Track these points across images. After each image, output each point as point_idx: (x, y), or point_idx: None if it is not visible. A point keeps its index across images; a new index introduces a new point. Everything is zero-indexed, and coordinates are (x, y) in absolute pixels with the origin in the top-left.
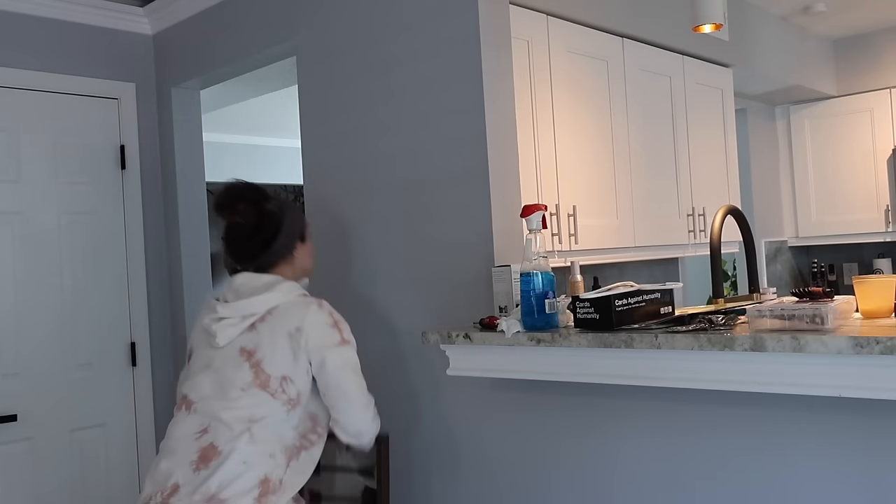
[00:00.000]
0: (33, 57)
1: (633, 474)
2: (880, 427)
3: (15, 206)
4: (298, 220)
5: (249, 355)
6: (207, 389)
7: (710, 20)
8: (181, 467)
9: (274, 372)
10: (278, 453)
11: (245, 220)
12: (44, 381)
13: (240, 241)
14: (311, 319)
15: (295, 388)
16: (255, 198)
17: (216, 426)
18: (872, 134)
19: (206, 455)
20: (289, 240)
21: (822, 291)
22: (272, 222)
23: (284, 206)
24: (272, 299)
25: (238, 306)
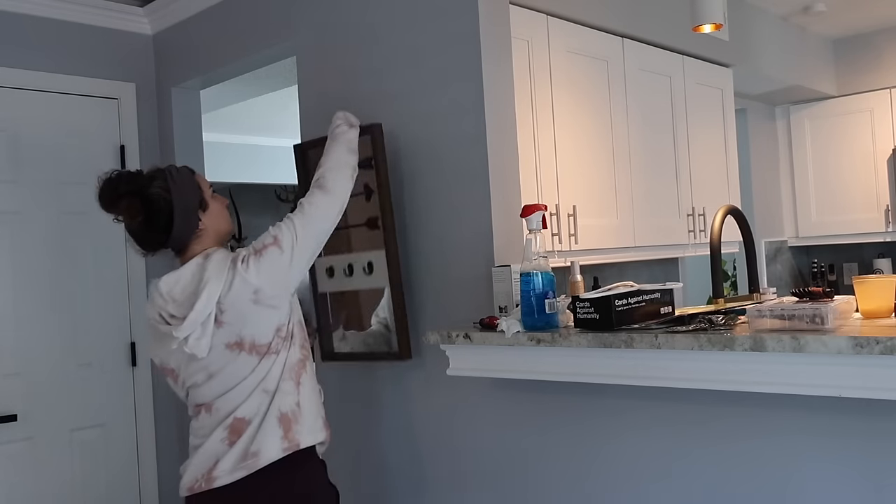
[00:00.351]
0: (33, 57)
1: (633, 474)
2: (880, 428)
3: (14, 206)
4: (190, 191)
5: (240, 345)
6: (220, 389)
7: (710, 20)
8: (214, 447)
9: (268, 337)
10: (284, 382)
11: (132, 216)
12: (44, 381)
13: (139, 236)
14: (253, 275)
15: (286, 327)
16: (133, 189)
17: (237, 406)
18: (872, 134)
19: (236, 428)
20: (188, 217)
21: (822, 291)
22: (161, 209)
23: (170, 185)
24: (213, 293)
25: (189, 322)
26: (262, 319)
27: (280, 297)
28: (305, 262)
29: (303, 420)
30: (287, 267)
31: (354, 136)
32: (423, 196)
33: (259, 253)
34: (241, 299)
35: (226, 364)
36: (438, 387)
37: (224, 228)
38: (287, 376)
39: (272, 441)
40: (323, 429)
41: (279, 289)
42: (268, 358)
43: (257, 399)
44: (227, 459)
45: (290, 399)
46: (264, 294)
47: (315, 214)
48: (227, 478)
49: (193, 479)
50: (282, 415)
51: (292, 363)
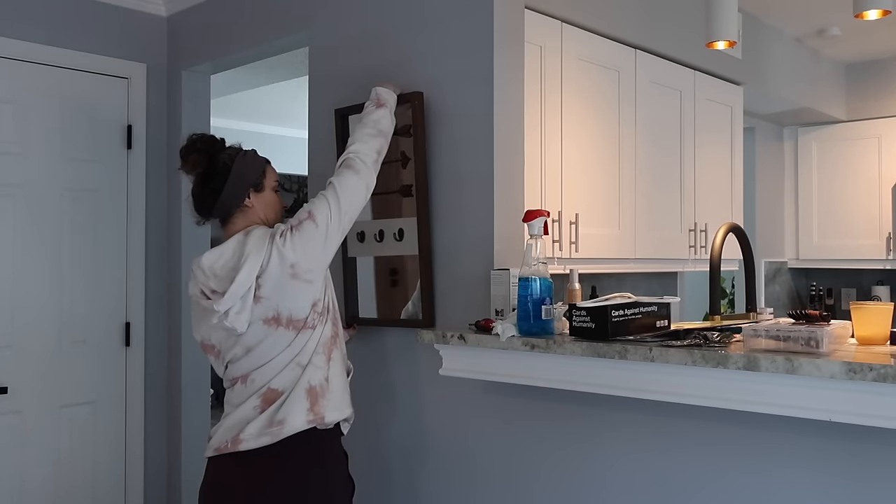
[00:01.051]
0: (45, 31)
1: (621, 486)
2: (869, 453)
3: (18, 179)
4: (252, 169)
5: (277, 320)
6: (257, 363)
7: (724, 37)
8: (246, 413)
9: (305, 312)
10: (316, 356)
11: (193, 167)
12: (36, 356)
13: (195, 191)
14: (290, 249)
15: (322, 302)
16: (206, 148)
17: (272, 378)
18: (879, 161)
19: (269, 398)
20: (238, 189)
21: (818, 315)
22: (220, 171)
23: (236, 156)
24: (253, 267)
25: (230, 295)
26: (299, 294)
27: (315, 272)
28: (338, 238)
29: (330, 395)
30: (322, 242)
31: (381, 116)
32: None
33: (295, 228)
34: (278, 273)
35: (264, 338)
36: (430, 386)
37: (271, 217)
38: (320, 350)
39: (298, 411)
40: (349, 406)
41: (314, 263)
42: (304, 333)
43: (291, 372)
44: (254, 424)
45: (319, 373)
46: (300, 268)
47: (345, 193)
48: (252, 442)
49: (221, 440)
50: (310, 388)
51: (326, 338)
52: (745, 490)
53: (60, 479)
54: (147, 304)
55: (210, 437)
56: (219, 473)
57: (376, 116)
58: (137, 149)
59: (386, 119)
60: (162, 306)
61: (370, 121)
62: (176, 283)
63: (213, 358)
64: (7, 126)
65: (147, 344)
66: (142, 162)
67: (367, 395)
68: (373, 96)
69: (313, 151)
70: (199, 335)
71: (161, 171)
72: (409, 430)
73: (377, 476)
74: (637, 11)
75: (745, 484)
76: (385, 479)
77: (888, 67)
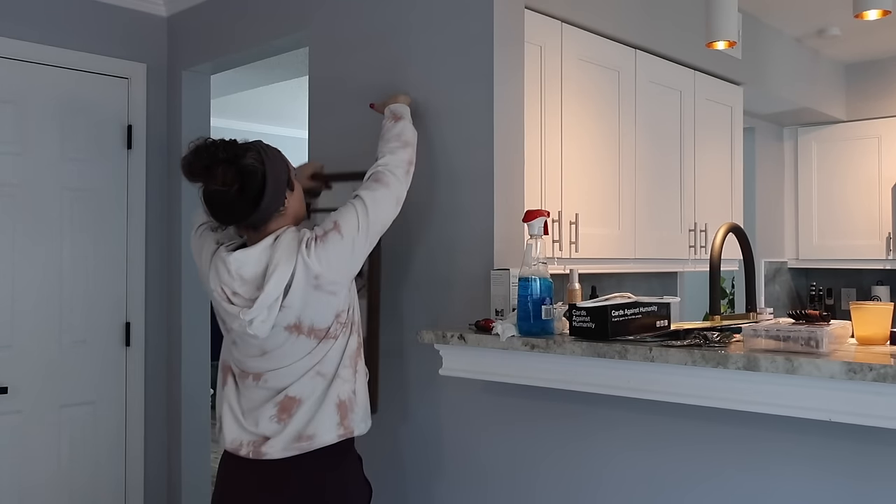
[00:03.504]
0: (45, 31)
1: (620, 486)
2: (870, 453)
3: (17, 179)
4: (281, 167)
5: (298, 329)
6: (272, 365)
7: (724, 37)
8: (264, 423)
9: (327, 322)
10: (343, 369)
11: (226, 184)
12: (36, 355)
13: (224, 207)
14: (314, 260)
15: (346, 313)
16: (230, 157)
17: (289, 385)
18: (879, 161)
19: (286, 406)
20: (277, 194)
21: (818, 315)
22: (255, 180)
23: (265, 158)
24: (282, 277)
25: (258, 306)
26: (322, 304)
27: (339, 284)
28: (365, 250)
29: (357, 408)
30: (348, 254)
31: (403, 127)
32: (428, 194)
33: (320, 239)
34: (303, 284)
35: (283, 344)
36: (430, 386)
37: (301, 213)
38: (347, 363)
39: (329, 426)
40: (369, 416)
41: (338, 275)
42: (326, 342)
43: (312, 381)
44: (279, 439)
45: (347, 386)
46: (324, 280)
47: (374, 206)
48: (277, 454)
49: (239, 442)
50: (340, 401)
51: (352, 350)
52: (746, 489)
53: (60, 479)
54: (147, 304)
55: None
56: (235, 473)
57: (398, 129)
58: (137, 149)
59: (408, 130)
60: (162, 306)
61: (392, 135)
62: (176, 283)
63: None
64: (7, 126)
65: (147, 344)
66: (142, 162)
67: None
68: (387, 114)
69: (313, 151)
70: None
71: (161, 171)
72: (409, 430)
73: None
74: (637, 11)
75: (745, 483)
76: (385, 478)
77: (888, 67)
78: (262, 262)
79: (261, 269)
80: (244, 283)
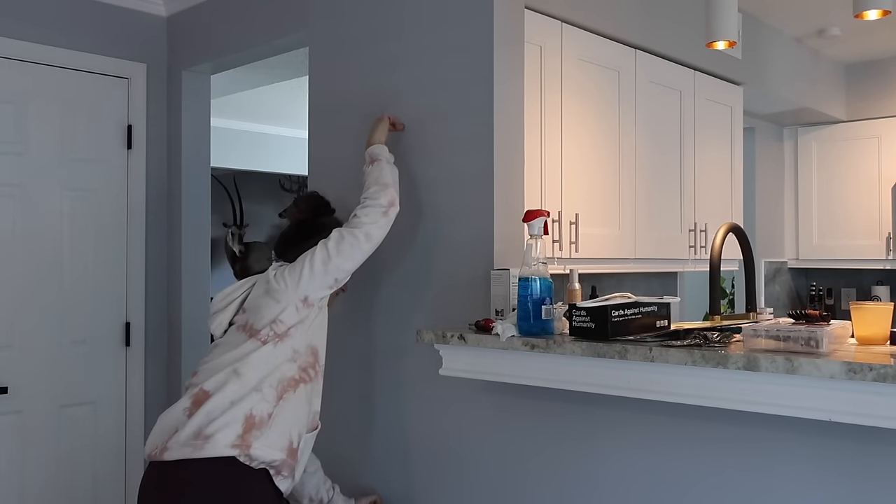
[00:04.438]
0: (45, 31)
1: (620, 485)
2: (870, 453)
3: (18, 179)
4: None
5: (242, 327)
6: (209, 357)
7: (724, 37)
8: (177, 416)
9: (262, 323)
10: (266, 387)
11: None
12: (37, 356)
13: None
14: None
15: (284, 325)
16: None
17: (206, 376)
18: (879, 161)
19: (198, 399)
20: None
21: (818, 315)
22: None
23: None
24: (245, 283)
25: (223, 295)
26: (265, 308)
27: (283, 293)
28: (312, 289)
29: (267, 432)
30: (297, 275)
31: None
32: (427, 194)
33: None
34: (258, 291)
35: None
36: (430, 386)
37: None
38: (272, 383)
39: (229, 433)
40: (283, 452)
41: (283, 285)
42: (252, 341)
43: (226, 376)
44: (183, 431)
45: (264, 406)
46: (272, 287)
47: (337, 256)
48: (176, 452)
49: (153, 445)
50: (249, 415)
51: (283, 376)
52: (746, 489)
53: (60, 479)
54: (147, 304)
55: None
56: (146, 481)
57: (375, 174)
58: (137, 149)
59: (385, 171)
60: (162, 306)
61: (371, 180)
62: (176, 284)
63: None
64: (7, 126)
65: (147, 344)
66: (142, 162)
67: (367, 396)
68: (365, 158)
69: (313, 151)
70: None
71: (161, 171)
72: (410, 430)
73: (377, 476)
74: (637, 11)
75: (745, 483)
76: (385, 478)
77: (888, 67)
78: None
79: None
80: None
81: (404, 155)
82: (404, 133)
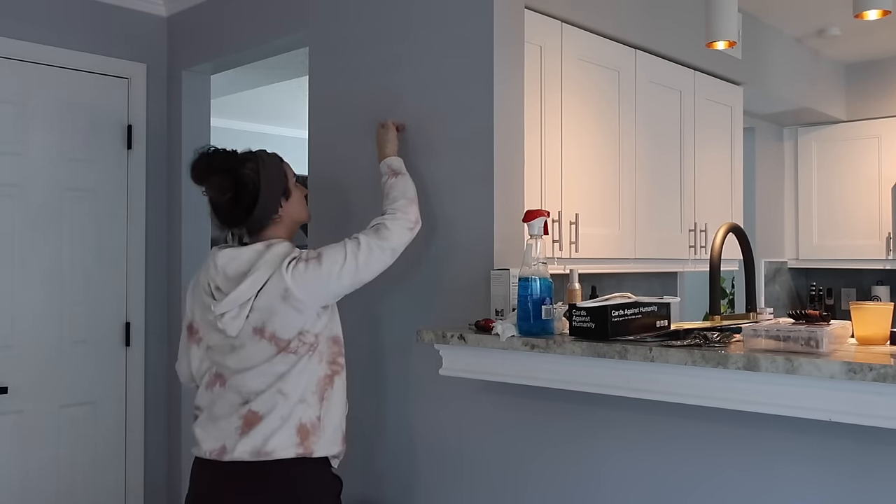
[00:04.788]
0: (45, 31)
1: (620, 486)
2: (871, 453)
3: (17, 179)
4: (277, 178)
5: (262, 332)
6: (237, 365)
7: (724, 37)
8: (228, 435)
9: (289, 334)
10: (309, 395)
11: (221, 192)
12: (37, 356)
13: (222, 212)
14: (289, 276)
15: (311, 335)
16: (227, 166)
17: (253, 396)
18: (879, 161)
19: (250, 421)
20: (271, 202)
21: (818, 315)
22: (249, 190)
23: (261, 168)
24: (258, 280)
25: (231, 300)
26: (287, 317)
27: (305, 304)
28: (343, 289)
29: (321, 433)
30: (322, 284)
31: (405, 185)
32: (428, 194)
33: (304, 262)
34: (272, 293)
35: (246, 343)
36: (430, 386)
37: (301, 216)
38: (313, 389)
39: (287, 444)
40: (340, 443)
41: (306, 297)
42: (285, 355)
43: (272, 399)
44: (240, 448)
45: (311, 412)
46: (292, 296)
47: (369, 256)
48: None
49: (211, 448)
50: (301, 425)
51: (318, 378)
52: (746, 489)
53: (60, 479)
54: (147, 304)
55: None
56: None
57: (402, 186)
58: (137, 149)
59: (411, 186)
60: (162, 306)
61: (398, 192)
62: (176, 283)
63: (193, 345)
64: (7, 126)
65: (147, 344)
66: (142, 162)
67: (367, 395)
68: (385, 169)
69: (313, 151)
70: (189, 318)
71: (161, 171)
72: (409, 430)
73: (377, 476)
74: (637, 11)
75: (745, 483)
76: (385, 478)
77: (888, 67)
78: (249, 265)
79: (244, 270)
80: (227, 280)
81: (405, 155)
82: (405, 133)
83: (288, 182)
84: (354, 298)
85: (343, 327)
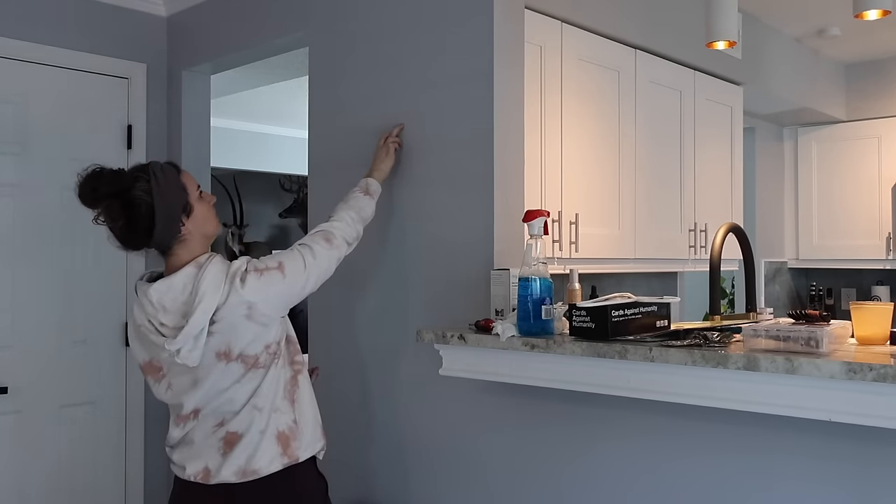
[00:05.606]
0: (45, 31)
1: (620, 485)
2: (872, 453)
3: (18, 179)
4: (175, 195)
5: (227, 355)
6: (207, 396)
7: (724, 37)
8: (210, 457)
9: (256, 350)
10: (280, 402)
11: (112, 219)
12: (37, 355)
13: (120, 236)
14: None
15: (275, 344)
16: (114, 190)
17: (228, 417)
18: (879, 161)
19: (230, 441)
20: (170, 223)
21: (818, 315)
22: (142, 213)
23: (154, 187)
24: (209, 308)
25: (186, 334)
26: (252, 334)
27: (271, 318)
28: (299, 297)
29: (301, 436)
30: (286, 294)
31: (366, 204)
32: (427, 194)
33: (260, 272)
34: (234, 313)
35: (211, 371)
36: (430, 386)
37: (210, 231)
38: (282, 395)
39: (271, 457)
40: (321, 438)
41: (272, 310)
42: (255, 371)
43: (248, 415)
44: (225, 470)
45: (286, 417)
46: (257, 310)
47: (321, 260)
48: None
49: (194, 471)
50: (279, 433)
51: (285, 381)
52: (746, 489)
53: (60, 479)
54: None
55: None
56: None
57: (363, 203)
58: (137, 149)
59: (370, 208)
60: None
61: (357, 206)
62: None
63: (152, 380)
64: (7, 126)
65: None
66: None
67: (367, 395)
68: (362, 183)
69: (313, 151)
70: (143, 357)
71: None
72: (409, 430)
73: (377, 475)
74: (637, 11)
75: (745, 483)
76: (385, 478)
77: (888, 67)
78: (187, 291)
79: (185, 299)
80: (167, 313)
81: (405, 155)
82: (405, 133)
83: (188, 196)
84: (354, 298)
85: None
